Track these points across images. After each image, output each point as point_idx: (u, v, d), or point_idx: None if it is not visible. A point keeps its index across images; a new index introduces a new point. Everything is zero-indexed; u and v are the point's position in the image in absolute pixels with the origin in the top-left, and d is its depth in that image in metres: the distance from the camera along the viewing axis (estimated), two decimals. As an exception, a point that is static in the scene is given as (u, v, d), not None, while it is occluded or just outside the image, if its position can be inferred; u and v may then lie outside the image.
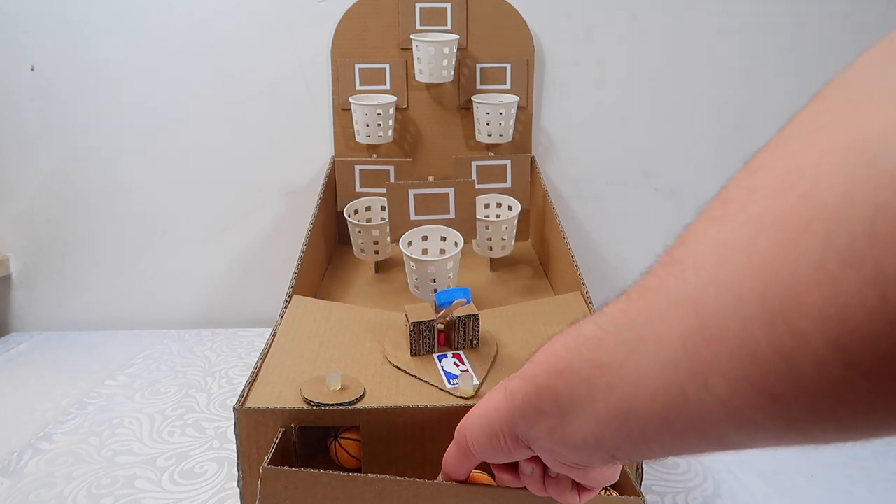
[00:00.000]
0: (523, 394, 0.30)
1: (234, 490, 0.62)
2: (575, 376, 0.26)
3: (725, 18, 0.99)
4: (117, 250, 1.06)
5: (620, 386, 0.24)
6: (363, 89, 0.97)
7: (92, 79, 0.99)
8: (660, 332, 0.22)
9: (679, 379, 0.21)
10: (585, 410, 0.26)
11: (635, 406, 0.23)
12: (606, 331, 0.25)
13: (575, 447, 0.28)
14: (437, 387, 0.51)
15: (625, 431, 0.25)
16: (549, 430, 0.29)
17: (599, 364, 0.25)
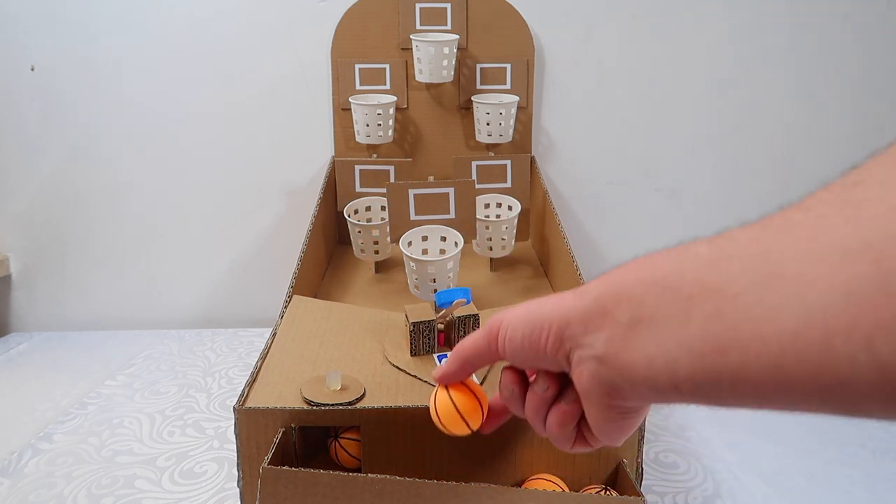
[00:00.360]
0: (597, 293, 0.27)
1: (234, 490, 0.62)
2: (672, 292, 0.24)
3: (725, 19, 0.99)
4: (117, 250, 1.06)
5: (733, 315, 0.22)
6: (363, 89, 0.97)
7: (92, 79, 0.99)
8: (811, 273, 0.20)
9: (828, 329, 0.19)
10: (669, 329, 0.24)
11: (746, 340, 0.21)
12: (728, 254, 0.23)
13: (629, 366, 0.26)
14: None
15: (712, 364, 0.22)
16: (608, 339, 0.27)
17: (710, 286, 0.23)
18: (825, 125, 1.03)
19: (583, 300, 0.28)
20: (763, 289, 0.21)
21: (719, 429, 0.73)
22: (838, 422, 0.75)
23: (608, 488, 0.49)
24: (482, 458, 0.50)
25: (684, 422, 0.75)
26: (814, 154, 1.04)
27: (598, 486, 0.50)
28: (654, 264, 0.25)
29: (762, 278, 0.21)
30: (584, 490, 0.49)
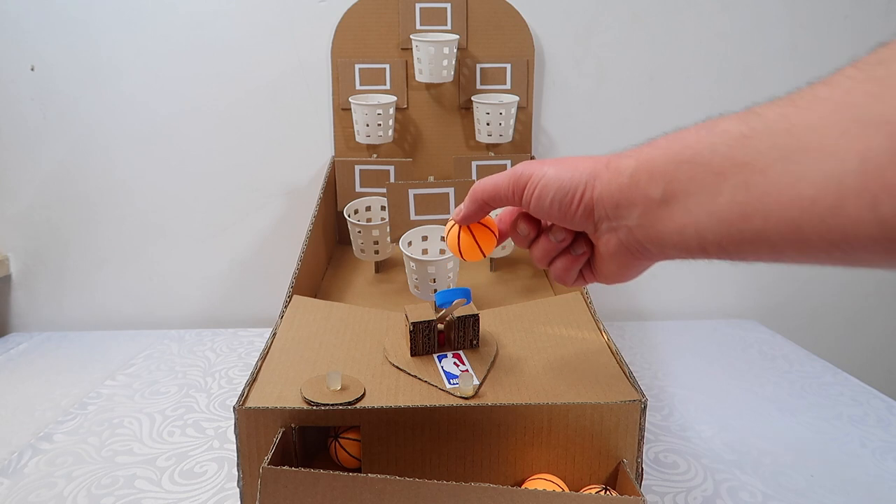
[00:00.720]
0: (632, 172, 0.30)
1: (234, 490, 0.62)
2: (702, 168, 0.26)
3: (725, 18, 0.99)
4: (118, 250, 1.06)
5: (760, 187, 0.24)
6: (363, 89, 0.97)
7: (92, 79, 0.99)
8: (832, 145, 0.22)
9: (842, 193, 0.21)
10: (700, 202, 0.26)
11: (769, 209, 0.24)
12: (756, 131, 0.25)
13: (660, 235, 0.28)
14: (438, 387, 0.51)
15: (739, 230, 0.25)
16: (642, 214, 0.29)
17: (739, 161, 0.25)
18: (825, 125, 1.03)
19: (618, 178, 0.31)
20: (788, 162, 0.23)
21: (719, 429, 0.73)
22: (838, 422, 0.75)
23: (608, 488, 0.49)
24: (482, 458, 0.50)
25: (684, 422, 0.75)
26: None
27: (598, 486, 0.50)
28: (684, 142, 0.28)
29: (788, 153, 0.23)
30: (584, 490, 0.49)
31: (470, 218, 0.43)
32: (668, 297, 1.11)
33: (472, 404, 0.48)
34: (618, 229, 0.32)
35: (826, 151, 0.22)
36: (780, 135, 0.24)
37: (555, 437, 0.49)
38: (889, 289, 1.16)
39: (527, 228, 0.41)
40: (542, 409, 0.49)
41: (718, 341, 1.00)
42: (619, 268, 0.36)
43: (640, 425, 0.49)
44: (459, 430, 0.49)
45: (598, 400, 0.49)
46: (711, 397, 0.80)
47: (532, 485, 0.49)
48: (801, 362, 0.92)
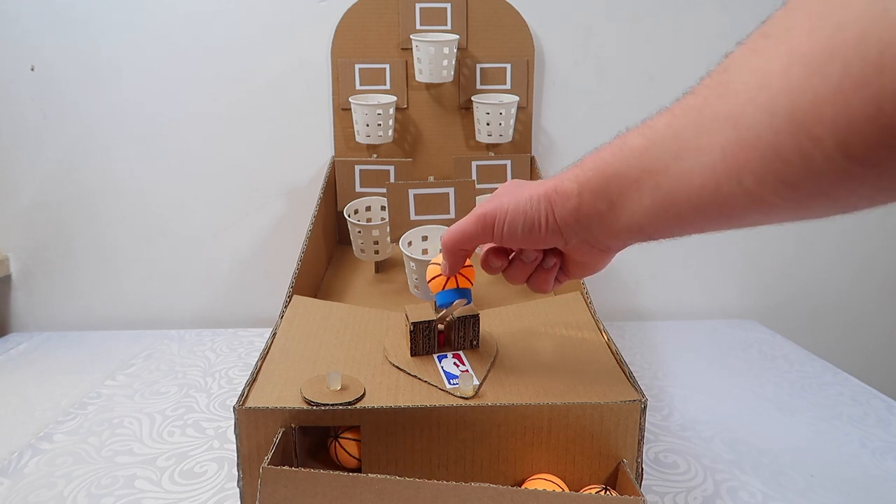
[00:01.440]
0: (578, 194, 0.37)
1: (234, 490, 0.62)
2: (625, 179, 0.34)
3: (725, 19, 0.99)
4: (117, 250, 1.06)
5: (666, 184, 0.31)
6: (363, 89, 0.97)
7: (92, 79, 0.99)
8: (702, 143, 0.28)
9: (716, 178, 0.28)
10: (633, 204, 0.34)
11: (677, 199, 0.31)
12: (653, 141, 0.32)
13: (618, 232, 0.37)
14: (438, 387, 0.51)
15: (665, 218, 0.32)
16: (598, 223, 0.37)
17: (648, 169, 0.32)
18: (825, 125, 1.03)
19: (568, 201, 0.38)
20: (680, 161, 0.30)
21: (719, 429, 0.73)
22: (838, 422, 0.75)
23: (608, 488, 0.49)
24: (482, 458, 0.50)
25: (684, 422, 0.75)
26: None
27: (598, 486, 0.50)
28: (605, 161, 0.35)
29: (677, 154, 0.30)
30: (584, 490, 0.49)
31: (456, 268, 0.50)
32: (668, 297, 1.11)
33: (472, 404, 0.48)
34: (584, 237, 0.40)
35: (699, 148, 0.28)
36: (668, 140, 0.31)
37: (555, 437, 0.49)
38: (889, 289, 1.16)
39: (499, 261, 0.48)
40: (542, 409, 0.49)
41: (718, 341, 1.00)
42: (591, 263, 0.45)
43: (640, 425, 0.49)
44: (459, 430, 0.49)
45: (598, 400, 0.49)
46: (711, 397, 0.80)
47: (532, 485, 0.49)
48: (801, 362, 0.92)
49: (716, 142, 0.27)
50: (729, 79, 0.27)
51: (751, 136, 0.25)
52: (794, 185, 0.24)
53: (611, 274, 1.09)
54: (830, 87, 0.22)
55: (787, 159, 0.24)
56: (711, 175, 0.28)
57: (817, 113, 0.22)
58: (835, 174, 0.23)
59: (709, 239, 1.06)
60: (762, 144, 0.25)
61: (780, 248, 1.11)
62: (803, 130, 0.23)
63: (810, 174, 0.24)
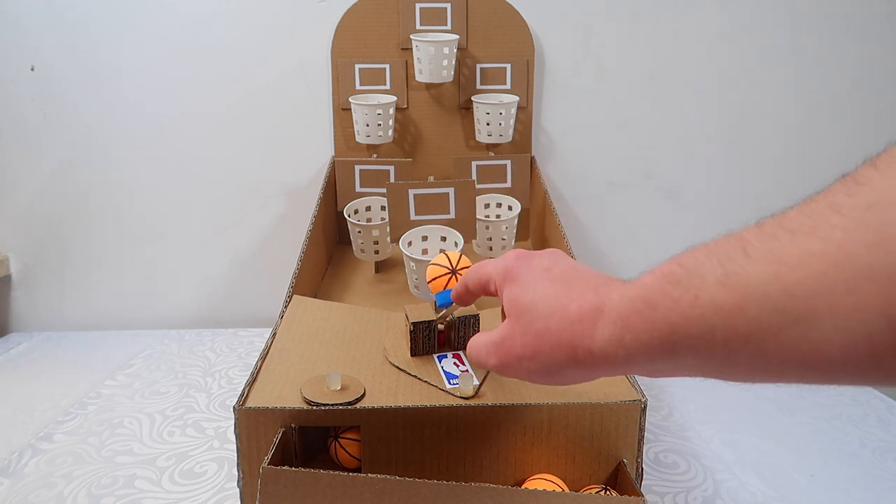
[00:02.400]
0: (629, 361, 0.28)
1: (234, 490, 0.62)
2: (701, 343, 0.25)
3: (725, 19, 0.99)
4: (117, 250, 1.06)
5: (775, 353, 0.23)
6: (363, 89, 0.97)
7: (92, 79, 0.99)
8: (844, 306, 0.21)
9: (876, 352, 0.20)
10: (715, 370, 0.26)
11: (791, 368, 0.23)
12: (750, 299, 0.23)
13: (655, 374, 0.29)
14: (438, 387, 0.51)
15: (760, 379, 0.25)
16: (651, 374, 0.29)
17: (743, 335, 0.23)
18: (825, 125, 1.03)
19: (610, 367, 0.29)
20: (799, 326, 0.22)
21: (719, 429, 0.73)
22: (838, 422, 0.75)
23: (608, 488, 0.49)
24: (482, 458, 0.50)
25: (684, 422, 0.75)
26: (814, 154, 1.04)
27: (598, 486, 0.50)
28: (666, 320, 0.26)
29: (795, 317, 0.22)
30: (584, 490, 0.49)
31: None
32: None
33: (472, 404, 0.48)
34: None
35: (840, 312, 0.21)
36: (778, 298, 0.22)
37: (555, 437, 0.49)
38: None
39: None
40: (542, 409, 0.49)
41: (718, 341, 0.99)
42: None
43: (640, 425, 0.49)
44: (459, 430, 0.49)
45: (598, 400, 0.49)
46: (711, 397, 0.80)
47: (532, 485, 0.49)
48: (801, 362, 0.92)
49: (874, 305, 0.20)
50: (880, 218, 0.20)
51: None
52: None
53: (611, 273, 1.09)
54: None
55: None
56: (867, 349, 0.20)
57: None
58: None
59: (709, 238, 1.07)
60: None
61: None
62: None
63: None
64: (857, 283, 0.20)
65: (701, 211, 1.06)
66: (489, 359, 0.35)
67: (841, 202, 0.21)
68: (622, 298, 0.28)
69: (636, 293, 0.28)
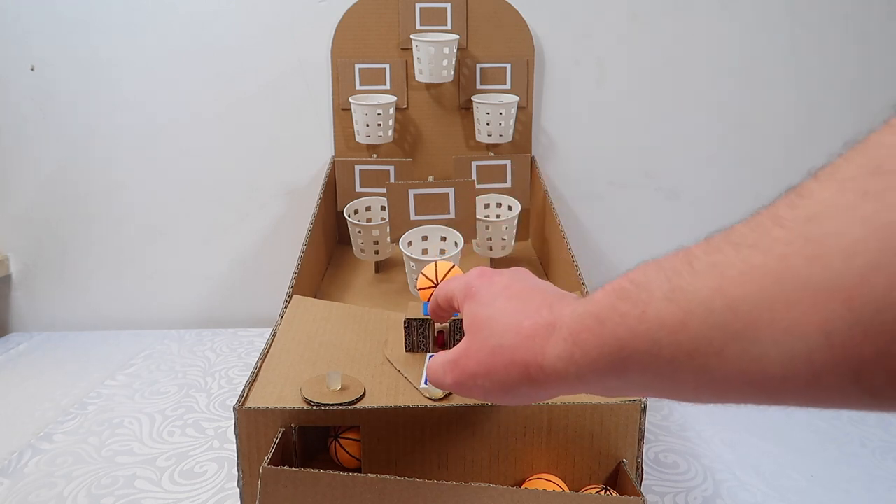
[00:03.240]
0: (580, 379, 0.28)
1: (234, 490, 0.62)
2: (648, 359, 0.24)
3: (725, 18, 0.99)
4: (117, 250, 1.06)
5: (719, 370, 0.22)
6: (363, 89, 0.97)
7: (92, 79, 0.99)
8: (783, 322, 0.20)
9: (815, 370, 0.20)
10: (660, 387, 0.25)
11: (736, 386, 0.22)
12: (694, 314, 0.23)
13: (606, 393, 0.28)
14: (413, 384, 0.51)
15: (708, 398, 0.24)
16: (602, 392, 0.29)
17: (688, 350, 0.23)
18: (825, 125, 1.03)
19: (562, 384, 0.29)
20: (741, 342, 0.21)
21: (719, 429, 0.73)
22: (838, 422, 0.75)
23: (608, 488, 0.49)
24: (482, 458, 0.50)
25: (684, 422, 0.75)
26: (814, 154, 1.04)
27: (598, 486, 0.50)
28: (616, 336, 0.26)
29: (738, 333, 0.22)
30: (584, 490, 0.49)
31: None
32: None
33: (473, 404, 0.48)
34: None
35: (780, 328, 0.20)
36: (721, 313, 0.22)
37: (555, 437, 0.49)
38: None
39: None
40: (542, 409, 0.49)
41: (718, 341, 0.99)
42: None
43: (640, 425, 0.49)
44: (460, 430, 0.49)
45: (598, 400, 0.49)
46: (711, 397, 0.80)
47: (532, 485, 0.49)
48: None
49: (812, 321, 0.19)
50: (820, 231, 0.19)
51: (886, 321, 0.17)
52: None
53: (611, 274, 1.09)
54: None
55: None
56: (807, 367, 0.20)
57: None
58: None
59: (709, 239, 1.07)
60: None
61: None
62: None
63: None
64: (795, 298, 0.20)
65: (701, 211, 1.06)
66: (446, 377, 0.35)
67: (783, 214, 0.21)
68: (573, 314, 0.28)
69: (587, 309, 0.27)
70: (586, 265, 0.80)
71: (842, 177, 0.20)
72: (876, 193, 0.18)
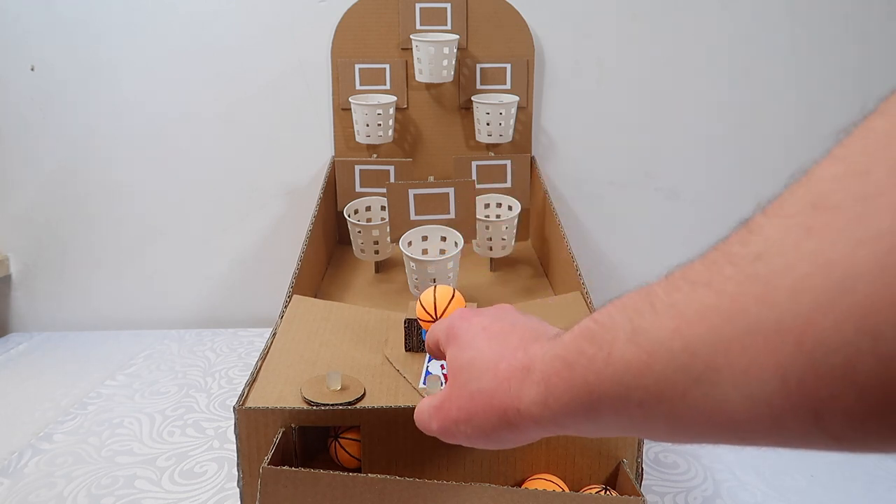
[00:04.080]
0: (555, 421, 0.28)
1: (234, 490, 0.62)
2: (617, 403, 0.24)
3: (725, 18, 0.99)
4: (117, 250, 1.06)
5: (685, 414, 0.22)
6: (363, 89, 0.97)
7: (92, 79, 0.99)
8: (740, 364, 0.19)
9: (773, 413, 0.19)
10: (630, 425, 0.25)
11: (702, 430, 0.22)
12: (656, 355, 0.22)
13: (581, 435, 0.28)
14: (413, 385, 0.51)
15: (676, 440, 0.24)
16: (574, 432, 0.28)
17: (654, 393, 0.22)
18: (825, 125, 1.03)
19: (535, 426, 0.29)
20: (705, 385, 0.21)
21: (719, 429, 0.73)
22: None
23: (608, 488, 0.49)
24: (482, 458, 0.50)
25: (684, 422, 0.75)
26: (814, 154, 1.04)
27: (598, 486, 0.50)
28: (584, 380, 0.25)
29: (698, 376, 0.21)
30: (584, 490, 0.49)
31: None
32: (668, 297, 1.11)
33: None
34: None
35: (737, 371, 0.20)
36: (680, 355, 0.21)
37: (555, 438, 0.49)
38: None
39: None
40: (542, 409, 0.49)
41: (718, 341, 0.99)
42: None
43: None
44: (459, 430, 0.49)
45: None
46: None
47: (532, 485, 0.49)
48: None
49: (767, 364, 0.19)
50: (767, 269, 0.19)
51: (836, 363, 0.17)
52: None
53: (611, 274, 1.09)
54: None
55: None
56: (767, 410, 0.19)
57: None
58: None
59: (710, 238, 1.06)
60: (860, 377, 0.16)
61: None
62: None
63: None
64: (748, 340, 0.19)
65: (701, 211, 1.06)
66: (431, 423, 0.34)
67: (734, 251, 0.20)
68: (544, 357, 0.27)
69: (556, 352, 0.27)
70: (586, 265, 0.80)
71: (786, 212, 0.19)
72: (818, 230, 0.18)
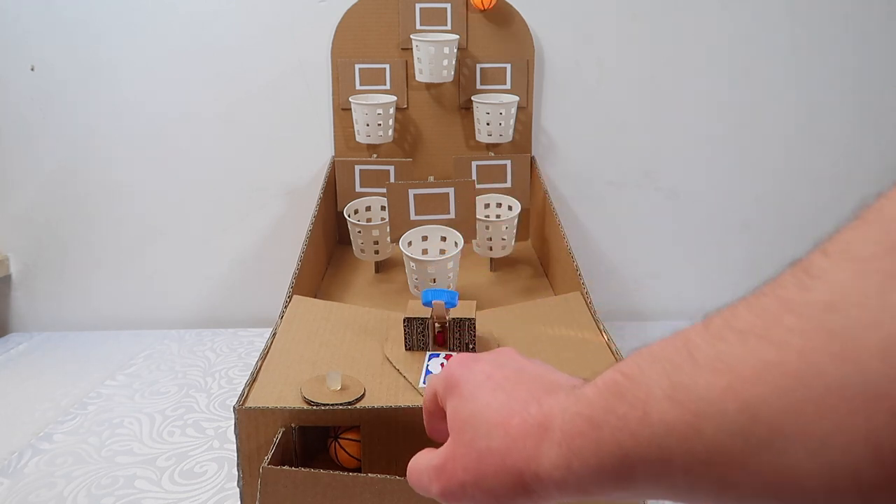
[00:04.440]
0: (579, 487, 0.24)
1: (234, 490, 0.62)
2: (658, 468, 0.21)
3: (725, 18, 0.99)
4: (117, 250, 1.06)
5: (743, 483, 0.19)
6: (363, 89, 0.97)
7: (92, 79, 0.99)
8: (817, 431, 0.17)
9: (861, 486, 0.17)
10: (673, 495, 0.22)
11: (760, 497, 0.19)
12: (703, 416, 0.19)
13: None
14: (413, 384, 0.51)
15: None
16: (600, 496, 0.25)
17: (703, 459, 0.20)
18: (825, 125, 1.03)
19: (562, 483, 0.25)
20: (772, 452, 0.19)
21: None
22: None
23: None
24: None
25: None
26: (814, 154, 1.04)
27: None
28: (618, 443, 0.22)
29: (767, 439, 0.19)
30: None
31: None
32: (668, 297, 1.11)
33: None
34: None
35: (814, 438, 0.17)
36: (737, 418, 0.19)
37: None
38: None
39: None
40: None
41: (718, 341, 0.99)
42: None
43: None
44: (459, 430, 0.49)
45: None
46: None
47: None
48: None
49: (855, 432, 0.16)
50: (845, 323, 0.17)
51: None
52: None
53: (611, 274, 1.09)
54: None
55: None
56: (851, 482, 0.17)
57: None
58: None
59: (710, 238, 1.06)
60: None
61: (781, 248, 1.11)
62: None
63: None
64: (828, 404, 0.17)
65: (701, 211, 1.06)
66: (431, 485, 0.31)
67: (793, 298, 0.18)
68: (564, 415, 0.24)
69: (578, 409, 0.24)
70: (586, 265, 0.80)
71: (858, 255, 0.17)
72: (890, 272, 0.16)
